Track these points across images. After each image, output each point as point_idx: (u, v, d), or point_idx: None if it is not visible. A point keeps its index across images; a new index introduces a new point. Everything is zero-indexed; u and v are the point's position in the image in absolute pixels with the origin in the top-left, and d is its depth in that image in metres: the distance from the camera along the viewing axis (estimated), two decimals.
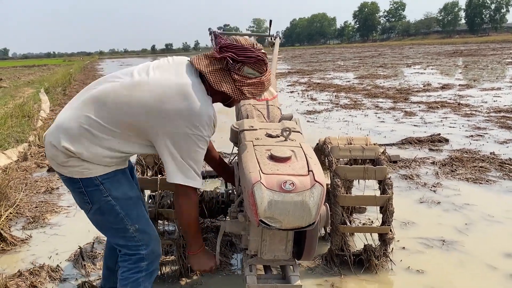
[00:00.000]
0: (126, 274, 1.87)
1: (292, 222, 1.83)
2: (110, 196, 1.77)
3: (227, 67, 1.80)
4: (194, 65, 1.82)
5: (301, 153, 2.03)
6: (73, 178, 1.74)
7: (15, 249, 3.12)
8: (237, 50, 1.80)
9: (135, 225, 1.85)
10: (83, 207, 1.84)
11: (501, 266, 2.63)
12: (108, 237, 2.03)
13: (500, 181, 4.12)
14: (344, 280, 2.54)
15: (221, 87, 1.79)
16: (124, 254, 1.89)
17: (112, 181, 1.78)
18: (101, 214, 1.81)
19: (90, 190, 1.75)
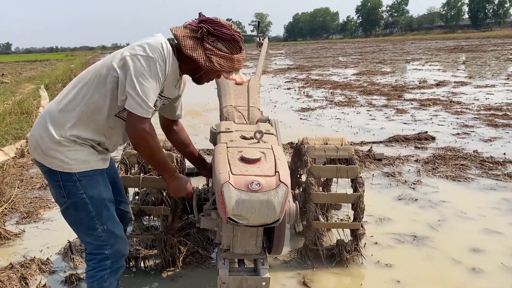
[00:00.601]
0: (92, 273, 1.99)
1: (258, 219, 1.97)
2: (85, 194, 1.90)
3: (201, 37, 1.91)
4: (172, 30, 1.94)
5: (270, 155, 2.17)
6: (53, 171, 1.86)
7: (8, 243, 3.28)
8: (214, 25, 1.92)
9: (104, 225, 1.96)
10: (59, 200, 1.95)
11: (465, 260, 2.78)
12: (77, 233, 2.07)
13: (478, 178, 4.26)
14: (316, 273, 2.70)
15: (191, 52, 1.89)
16: (89, 253, 2.00)
17: (89, 180, 1.91)
18: (75, 210, 1.92)
19: (67, 184, 1.87)
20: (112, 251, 1.99)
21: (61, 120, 1.86)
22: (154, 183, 2.72)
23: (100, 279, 1.99)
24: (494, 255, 2.83)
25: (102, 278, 1.99)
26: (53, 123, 1.85)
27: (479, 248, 2.93)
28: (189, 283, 2.65)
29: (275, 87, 12.87)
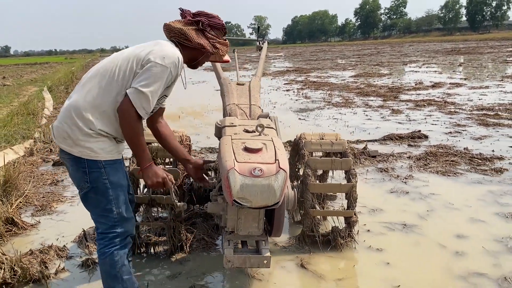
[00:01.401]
0: (103, 250, 2.23)
1: (261, 202, 2.22)
2: (107, 180, 2.15)
3: (202, 28, 2.23)
4: (172, 25, 2.22)
5: (271, 145, 2.43)
6: (80, 159, 2.09)
7: (25, 233, 3.52)
8: (208, 17, 2.27)
9: (119, 208, 2.20)
10: (81, 185, 2.17)
11: (450, 245, 3.02)
12: (93, 214, 2.27)
13: (466, 173, 4.50)
14: (313, 257, 2.93)
15: (200, 41, 2.21)
16: (101, 233, 2.24)
17: (112, 168, 2.16)
18: (95, 193, 2.16)
19: (92, 171, 2.11)
20: (122, 231, 2.24)
21: (89, 115, 2.08)
22: None
23: (111, 254, 2.23)
24: (477, 241, 3.07)
25: (112, 254, 2.22)
26: (82, 117, 2.07)
27: (463, 235, 3.17)
28: (196, 265, 2.88)
29: (274, 88, 13.13)
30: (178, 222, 2.99)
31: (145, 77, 2.03)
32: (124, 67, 2.11)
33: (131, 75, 2.09)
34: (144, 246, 3.06)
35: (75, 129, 2.07)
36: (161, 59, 2.07)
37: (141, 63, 2.09)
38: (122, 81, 2.09)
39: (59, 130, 2.13)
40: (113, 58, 2.19)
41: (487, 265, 2.75)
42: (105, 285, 2.30)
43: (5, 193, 3.96)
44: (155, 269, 2.87)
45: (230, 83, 3.78)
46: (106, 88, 2.09)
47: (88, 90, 2.12)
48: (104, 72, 2.14)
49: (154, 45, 2.15)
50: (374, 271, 2.75)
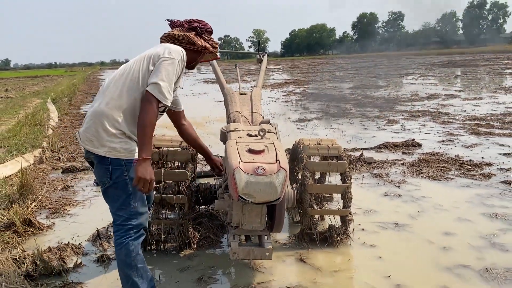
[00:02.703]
0: (120, 240, 2.47)
1: (263, 197, 2.47)
2: (127, 176, 2.41)
3: (199, 33, 2.61)
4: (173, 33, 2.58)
5: (272, 148, 2.69)
6: (105, 157, 2.36)
7: (42, 233, 3.75)
8: (199, 23, 2.65)
9: (136, 203, 2.46)
10: (103, 181, 2.44)
11: (438, 241, 3.27)
12: (113, 208, 2.51)
13: (456, 178, 4.76)
14: (311, 252, 3.17)
15: (202, 43, 2.59)
16: (118, 225, 2.48)
17: (132, 166, 2.42)
18: (115, 189, 2.43)
19: (115, 168, 2.38)
20: (137, 223, 2.49)
21: (115, 118, 2.35)
22: (173, 176, 3.21)
23: (127, 244, 2.47)
24: (463, 237, 3.32)
25: (128, 244, 2.47)
26: (109, 120, 2.34)
27: (451, 232, 3.42)
28: (203, 260, 3.12)
29: (273, 100, 13.43)
30: (186, 220, 3.24)
31: (159, 71, 2.36)
32: (140, 67, 2.42)
33: (147, 73, 2.40)
34: (154, 244, 3.30)
35: (101, 131, 2.34)
36: (169, 53, 2.42)
37: (152, 61, 2.41)
38: (142, 81, 2.39)
39: (85, 134, 2.41)
40: (128, 63, 2.50)
41: (471, 258, 3.00)
42: (121, 273, 2.55)
43: (21, 197, 4.21)
44: (165, 263, 3.10)
45: (233, 93, 4.05)
46: (128, 89, 2.39)
47: (111, 95, 2.40)
48: (123, 76, 2.44)
49: (161, 46, 2.49)
50: (367, 264, 2.99)
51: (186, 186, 3.22)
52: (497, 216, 3.67)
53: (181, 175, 3.20)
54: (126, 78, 2.42)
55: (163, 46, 2.49)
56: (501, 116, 8.55)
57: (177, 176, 3.20)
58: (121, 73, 2.47)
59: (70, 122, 10.52)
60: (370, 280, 2.76)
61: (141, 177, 2.32)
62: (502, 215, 3.69)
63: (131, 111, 2.38)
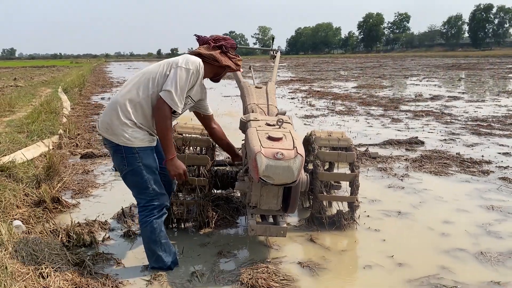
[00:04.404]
0: (145, 219, 2.80)
1: (281, 180, 2.75)
2: (141, 163, 2.71)
3: (224, 51, 2.87)
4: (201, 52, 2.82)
5: (289, 136, 2.97)
6: (119, 146, 2.66)
7: (69, 211, 4.03)
8: (227, 41, 2.90)
9: (153, 186, 2.77)
10: (120, 168, 2.76)
11: (437, 228, 3.54)
12: (134, 192, 2.84)
13: (456, 174, 5.03)
14: (320, 234, 3.45)
15: (226, 62, 2.86)
16: (141, 206, 2.81)
17: (144, 153, 2.72)
18: (132, 175, 2.74)
19: (129, 156, 2.68)
20: (158, 203, 2.81)
21: (127, 109, 2.66)
22: (195, 160, 3.49)
23: (151, 223, 2.79)
24: (461, 225, 3.59)
25: (152, 222, 2.80)
26: (121, 110, 2.65)
27: (449, 221, 3.69)
28: (221, 238, 3.40)
29: (279, 96, 13.69)
30: (206, 201, 3.51)
31: (173, 78, 2.63)
32: (158, 70, 2.72)
33: (162, 76, 2.68)
34: (175, 222, 3.58)
35: (115, 120, 2.65)
36: (186, 64, 2.70)
37: (170, 67, 2.70)
38: (156, 81, 2.68)
39: (102, 123, 2.71)
40: (151, 66, 2.79)
41: (468, 243, 3.27)
42: (146, 249, 2.86)
43: (48, 177, 4.49)
44: (186, 240, 3.38)
45: (249, 86, 4.32)
46: (144, 86, 2.68)
47: (128, 89, 2.71)
48: (144, 74, 2.73)
49: (183, 56, 2.77)
50: (372, 245, 3.26)
51: (207, 170, 3.49)
52: (493, 208, 3.94)
53: (203, 159, 3.47)
54: (143, 76, 2.72)
55: (184, 56, 2.77)
56: (503, 118, 8.80)
57: (200, 160, 3.47)
58: (143, 71, 2.77)
59: (82, 111, 10.82)
60: (374, 259, 3.03)
61: (174, 174, 2.74)
62: (498, 207, 3.96)
63: (142, 106, 2.67)
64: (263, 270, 2.81)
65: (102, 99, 13.95)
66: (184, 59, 2.72)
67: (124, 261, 3.02)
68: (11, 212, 3.67)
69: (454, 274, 2.82)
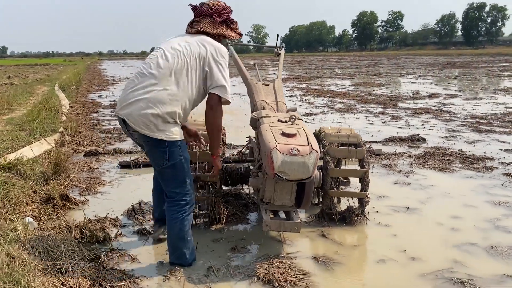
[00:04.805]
0: (176, 215, 2.77)
1: (297, 175, 2.78)
2: (182, 156, 2.70)
3: (227, 24, 2.87)
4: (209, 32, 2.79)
5: (303, 132, 2.99)
6: (161, 140, 2.60)
7: (78, 208, 4.03)
8: (226, 12, 2.85)
9: (189, 179, 2.79)
10: (159, 163, 2.70)
11: (446, 223, 3.58)
12: (169, 186, 2.78)
13: (460, 170, 5.08)
14: (331, 229, 3.48)
15: (233, 36, 2.90)
16: (175, 201, 2.77)
17: (183, 146, 2.72)
18: (173, 168, 2.70)
19: (172, 150, 2.65)
20: (190, 199, 2.80)
21: (172, 109, 2.60)
22: (208, 156, 3.49)
23: (182, 219, 2.78)
24: (469, 220, 3.63)
25: (183, 219, 2.78)
26: (163, 107, 2.58)
27: (458, 216, 3.73)
28: (233, 233, 3.43)
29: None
30: (217, 197, 3.53)
31: (220, 73, 2.65)
32: (195, 67, 2.66)
33: (202, 73, 2.67)
34: None
35: (159, 118, 2.57)
36: (222, 56, 2.70)
37: (207, 62, 2.67)
38: (198, 80, 2.66)
39: (142, 119, 2.57)
40: (178, 57, 2.65)
41: (478, 238, 3.31)
42: (170, 245, 2.85)
43: (55, 174, 4.49)
44: (199, 236, 3.36)
45: (257, 83, 4.34)
46: (184, 86, 2.64)
47: (170, 85, 2.60)
48: (179, 71, 2.63)
49: (208, 44, 2.71)
50: (384, 240, 3.30)
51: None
52: (500, 203, 3.99)
53: None
54: (185, 74, 2.63)
55: (210, 44, 2.71)
56: (501, 115, 8.88)
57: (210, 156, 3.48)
58: (176, 66, 2.62)
59: (81, 109, 10.79)
60: (387, 253, 3.06)
61: (219, 169, 3.01)
62: (505, 202, 4.01)
63: (186, 104, 2.67)
64: (278, 265, 2.83)
65: (100, 97, 13.90)
66: (214, 49, 2.70)
67: (139, 257, 3.03)
68: (21, 209, 3.67)
69: (467, 267, 2.86)
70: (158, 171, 2.81)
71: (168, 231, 2.84)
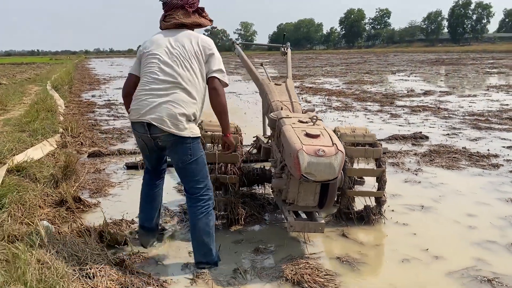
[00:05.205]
0: (201, 210, 2.79)
1: (323, 176, 2.78)
2: (203, 152, 2.79)
3: (198, 13, 2.93)
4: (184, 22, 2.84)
5: (325, 133, 3.00)
6: (186, 137, 2.67)
7: (91, 210, 3.98)
8: (196, 3, 2.91)
9: (209, 175, 2.85)
10: (183, 158, 2.73)
11: (463, 221, 3.62)
12: (192, 182, 2.80)
13: (468, 168, 5.13)
14: (350, 229, 3.49)
15: (206, 23, 2.97)
16: (198, 196, 2.79)
17: (200, 143, 2.79)
18: (196, 164, 2.75)
19: (195, 145, 2.72)
20: (211, 194, 2.88)
21: (189, 105, 2.70)
22: (226, 158, 3.48)
23: (207, 214, 2.82)
24: (485, 218, 3.67)
25: (208, 214, 2.83)
26: (187, 106, 2.67)
27: (473, 214, 3.77)
28: (253, 235, 3.42)
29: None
30: (236, 198, 3.52)
31: (217, 60, 2.81)
32: (198, 65, 2.78)
33: (203, 69, 2.79)
34: None
35: (184, 117, 2.67)
36: (210, 46, 2.84)
37: (203, 56, 2.79)
38: (200, 76, 2.78)
39: (171, 119, 2.65)
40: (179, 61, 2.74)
41: (496, 235, 3.35)
42: (196, 242, 2.84)
43: (65, 177, 4.43)
44: (219, 237, 3.33)
45: (269, 83, 4.33)
46: (194, 86, 2.74)
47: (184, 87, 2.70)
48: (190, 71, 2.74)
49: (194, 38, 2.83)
50: (404, 239, 3.32)
51: (238, 168, 3.50)
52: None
53: (233, 157, 3.47)
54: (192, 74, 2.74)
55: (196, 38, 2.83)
56: (498, 112, 9.00)
57: (230, 158, 3.47)
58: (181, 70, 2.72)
59: (77, 109, 10.67)
60: (410, 252, 3.08)
61: (232, 146, 3.02)
62: None
63: (200, 102, 2.80)
64: (305, 265, 2.83)
65: (93, 97, 13.77)
66: (206, 42, 2.85)
67: (162, 259, 3.01)
68: (35, 212, 3.62)
69: (491, 265, 2.89)
70: (181, 169, 2.81)
71: (194, 229, 2.85)
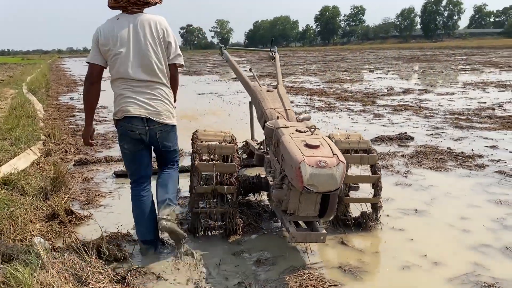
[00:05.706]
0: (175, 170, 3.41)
1: (325, 187, 2.79)
2: None
3: None
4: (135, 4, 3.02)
5: (325, 143, 3.01)
6: (174, 126, 3.22)
7: (84, 223, 3.90)
8: None
9: None
10: (173, 142, 3.29)
11: (457, 224, 3.69)
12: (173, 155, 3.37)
13: (455, 169, 5.23)
14: (348, 236, 3.51)
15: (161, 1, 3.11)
16: (175, 162, 3.43)
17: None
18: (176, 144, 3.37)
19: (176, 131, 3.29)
20: None
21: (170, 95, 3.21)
22: (223, 168, 3.46)
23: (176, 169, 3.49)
24: (477, 221, 3.75)
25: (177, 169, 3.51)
26: (170, 98, 3.19)
27: (466, 217, 3.84)
28: (252, 245, 3.40)
29: None
30: (234, 208, 3.50)
31: (174, 44, 3.12)
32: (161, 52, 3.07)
33: (164, 50, 3.09)
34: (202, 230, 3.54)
35: (170, 107, 3.16)
36: (167, 27, 3.10)
37: (162, 41, 3.06)
38: (164, 62, 3.10)
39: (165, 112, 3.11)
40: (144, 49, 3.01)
41: (490, 238, 3.42)
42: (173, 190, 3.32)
43: (55, 188, 4.32)
44: (218, 250, 3.33)
45: (261, 90, 4.33)
46: (164, 74, 3.12)
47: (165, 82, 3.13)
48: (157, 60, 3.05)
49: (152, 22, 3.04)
50: (402, 245, 3.36)
51: (235, 178, 3.48)
52: (501, 202, 4.14)
53: (230, 167, 3.46)
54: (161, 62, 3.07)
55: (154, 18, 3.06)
56: (477, 111, 9.20)
57: (227, 168, 3.45)
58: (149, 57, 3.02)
59: (56, 114, 10.43)
60: (410, 258, 3.13)
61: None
62: (505, 201, 4.16)
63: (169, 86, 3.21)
64: (308, 276, 2.84)
65: (72, 100, 13.50)
66: (161, 22, 3.08)
67: (163, 274, 2.97)
68: (27, 228, 3.53)
69: (489, 270, 2.96)
70: (167, 152, 3.30)
71: (171, 182, 3.31)
